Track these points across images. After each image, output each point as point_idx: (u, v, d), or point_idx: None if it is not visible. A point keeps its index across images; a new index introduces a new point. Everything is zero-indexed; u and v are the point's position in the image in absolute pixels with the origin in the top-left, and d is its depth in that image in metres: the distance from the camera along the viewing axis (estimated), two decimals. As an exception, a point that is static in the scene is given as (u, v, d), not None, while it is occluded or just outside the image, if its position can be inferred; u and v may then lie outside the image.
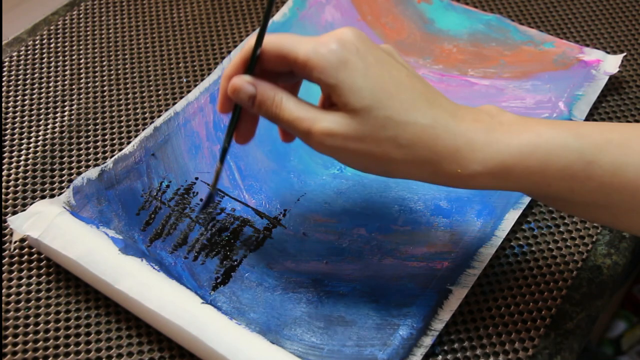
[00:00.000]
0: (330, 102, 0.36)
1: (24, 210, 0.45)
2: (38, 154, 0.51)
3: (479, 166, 0.35)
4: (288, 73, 0.38)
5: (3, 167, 0.50)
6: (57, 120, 0.53)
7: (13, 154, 0.51)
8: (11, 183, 0.49)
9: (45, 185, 0.49)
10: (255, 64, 0.38)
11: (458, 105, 0.37)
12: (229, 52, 0.58)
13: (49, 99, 0.55)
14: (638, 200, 0.34)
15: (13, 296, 0.43)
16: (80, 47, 0.59)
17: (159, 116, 0.53)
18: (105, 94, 0.55)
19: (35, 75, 0.57)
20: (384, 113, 0.35)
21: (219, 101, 0.40)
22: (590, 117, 0.52)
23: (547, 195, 0.37)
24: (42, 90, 0.55)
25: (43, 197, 0.48)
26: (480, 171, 0.35)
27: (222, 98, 0.39)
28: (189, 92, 0.54)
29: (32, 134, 0.52)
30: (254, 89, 0.37)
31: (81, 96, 0.55)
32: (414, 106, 0.35)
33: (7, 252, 0.45)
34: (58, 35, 0.60)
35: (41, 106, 0.54)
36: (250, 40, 0.38)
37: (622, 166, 0.34)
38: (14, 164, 0.50)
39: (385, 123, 0.35)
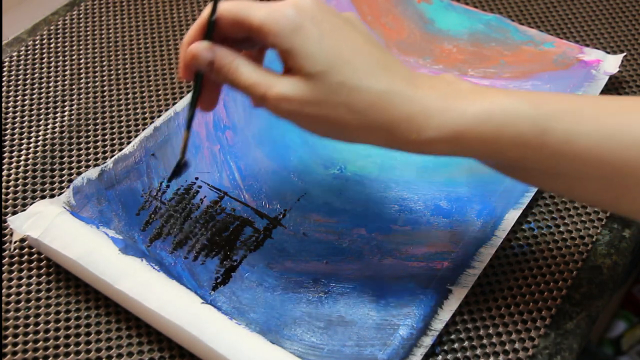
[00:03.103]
0: (287, 67, 0.37)
1: (24, 210, 0.45)
2: (38, 154, 0.51)
3: (434, 132, 0.35)
4: (248, 39, 0.39)
5: (3, 167, 0.50)
6: (57, 120, 0.53)
7: (13, 154, 0.51)
8: (11, 183, 0.49)
9: (45, 185, 0.49)
10: (212, 30, 0.38)
11: (415, 73, 0.37)
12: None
13: (49, 99, 0.55)
14: (589, 168, 0.35)
15: (13, 296, 0.43)
16: (80, 47, 0.59)
17: (159, 116, 0.53)
18: (105, 94, 0.55)
19: (35, 75, 0.57)
20: (338, 78, 0.35)
21: (179, 68, 0.40)
22: (590, 117, 0.52)
23: (502, 163, 0.37)
24: (42, 90, 0.55)
25: (43, 197, 0.48)
26: (435, 137, 0.35)
27: (182, 64, 0.39)
28: (189, 92, 0.54)
29: (32, 134, 0.52)
30: (212, 55, 0.38)
31: (81, 96, 0.55)
32: (369, 72, 0.36)
33: (7, 252, 0.45)
34: (58, 35, 0.60)
35: (41, 106, 0.54)
36: (208, 8, 0.38)
37: (574, 134, 0.35)
38: (14, 164, 0.50)
39: (339, 88, 0.35)
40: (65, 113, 0.54)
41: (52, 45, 0.59)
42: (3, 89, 0.55)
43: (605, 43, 0.58)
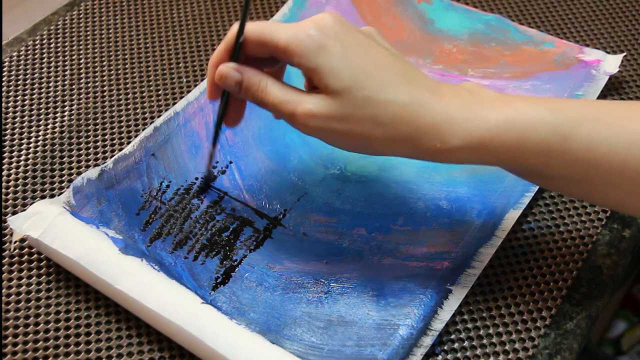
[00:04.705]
0: (312, 85, 0.38)
1: (24, 210, 0.45)
2: (38, 154, 0.51)
3: (457, 141, 0.36)
4: (271, 58, 0.39)
5: (3, 167, 0.50)
6: (57, 120, 0.53)
7: (13, 154, 0.51)
8: (11, 183, 0.49)
9: (45, 185, 0.49)
10: (239, 51, 0.39)
11: (438, 83, 0.38)
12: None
13: (49, 99, 0.55)
14: (612, 174, 0.35)
15: (13, 296, 0.43)
16: (80, 47, 0.59)
17: (159, 116, 0.53)
18: (105, 94, 0.55)
19: (35, 75, 0.57)
20: (363, 93, 0.36)
21: (207, 89, 0.41)
22: (590, 117, 0.52)
23: (525, 170, 0.38)
24: (42, 90, 0.55)
25: (43, 197, 0.48)
26: (459, 146, 0.36)
27: (210, 86, 0.41)
28: (189, 92, 0.54)
29: (32, 134, 0.52)
30: (240, 75, 0.39)
31: (81, 96, 0.55)
32: (393, 85, 0.36)
33: (7, 252, 0.45)
34: (58, 35, 0.60)
35: (41, 106, 0.54)
36: (232, 29, 0.39)
37: (596, 140, 0.35)
38: (14, 164, 0.50)
39: (364, 102, 0.36)
40: (65, 113, 0.54)
41: (52, 45, 0.59)
42: (3, 89, 0.55)
43: (605, 43, 0.58)
